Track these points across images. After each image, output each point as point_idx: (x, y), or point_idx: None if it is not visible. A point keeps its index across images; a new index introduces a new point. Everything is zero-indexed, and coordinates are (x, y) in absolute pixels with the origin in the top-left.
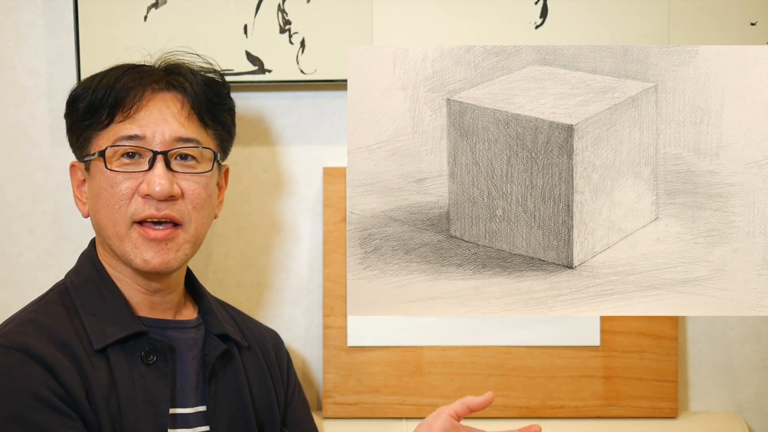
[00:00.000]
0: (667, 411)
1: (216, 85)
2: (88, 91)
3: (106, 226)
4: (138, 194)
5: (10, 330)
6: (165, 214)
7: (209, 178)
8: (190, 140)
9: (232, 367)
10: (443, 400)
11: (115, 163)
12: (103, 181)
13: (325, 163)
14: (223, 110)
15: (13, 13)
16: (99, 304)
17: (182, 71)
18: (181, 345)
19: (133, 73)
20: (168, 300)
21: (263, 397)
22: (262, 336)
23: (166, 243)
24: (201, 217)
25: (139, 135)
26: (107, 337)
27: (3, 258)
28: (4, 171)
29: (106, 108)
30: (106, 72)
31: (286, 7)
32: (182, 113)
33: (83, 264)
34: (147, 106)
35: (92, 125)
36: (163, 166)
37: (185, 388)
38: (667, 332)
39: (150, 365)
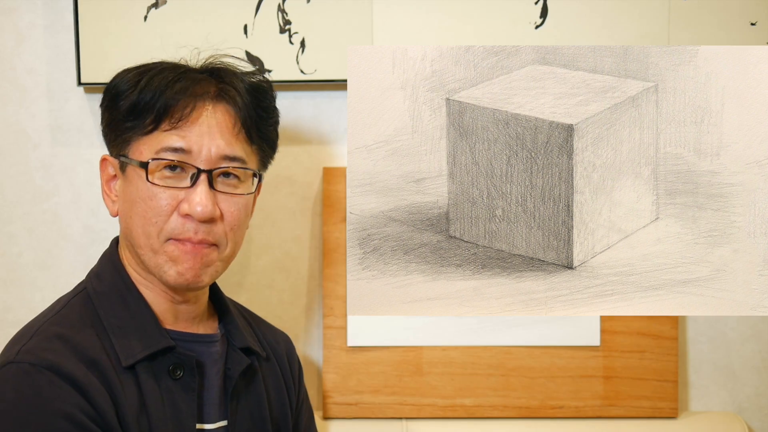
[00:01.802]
0: (667, 411)
1: (263, 93)
2: (134, 90)
3: (138, 236)
4: (177, 212)
5: (37, 346)
6: (202, 239)
7: (249, 198)
8: (236, 159)
9: (253, 382)
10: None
11: (156, 174)
12: (143, 191)
13: (325, 163)
14: (269, 125)
15: (13, 13)
16: (125, 316)
17: (233, 81)
18: (207, 359)
19: (186, 80)
20: (193, 309)
21: (279, 408)
22: (276, 343)
23: (201, 258)
24: (236, 237)
25: (185, 149)
26: (135, 353)
27: (3, 258)
28: (4, 171)
29: (153, 113)
30: (157, 71)
31: (286, 7)
32: (232, 130)
33: (106, 268)
34: (197, 120)
35: (135, 128)
36: (206, 185)
37: (210, 403)
38: (667, 332)
39: (177, 380)
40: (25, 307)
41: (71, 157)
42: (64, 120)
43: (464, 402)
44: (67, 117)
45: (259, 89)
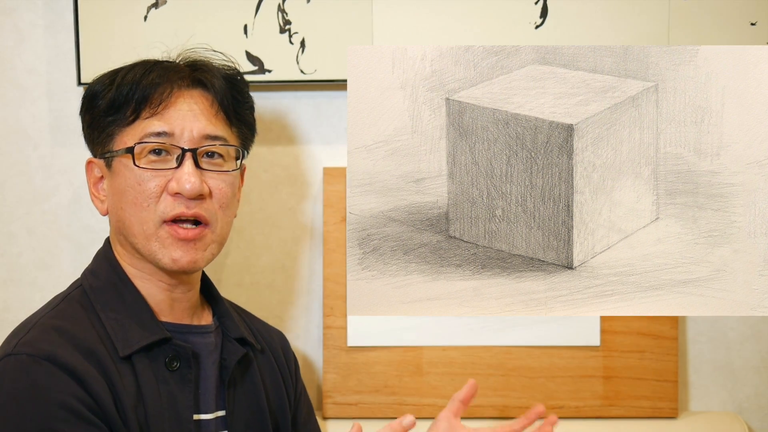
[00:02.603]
0: (667, 411)
1: (237, 82)
2: (110, 87)
3: (131, 225)
4: (167, 192)
5: (34, 337)
6: (194, 212)
7: (235, 176)
8: (218, 138)
9: (249, 371)
10: (443, 400)
11: (142, 160)
12: (131, 179)
13: (325, 163)
14: (245, 108)
15: (13, 13)
16: (120, 308)
17: (207, 68)
18: (202, 350)
19: (159, 69)
20: (188, 298)
21: (277, 400)
22: (270, 338)
23: (194, 243)
24: (226, 216)
25: (168, 132)
26: (132, 343)
27: (3, 258)
28: (4, 171)
29: (132, 104)
30: (129, 68)
31: (286, 7)
32: (211, 111)
33: (101, 265)
34: (175, 103)
35: (116, 121)
36: (192, 163)
37: (206, 393)
38: (667, 332)
39: (173, 371)
40: (25, 307)
41: (71, 157)
42: (64, 120)
43: None
44: (67, 117)
45: (233, 77)
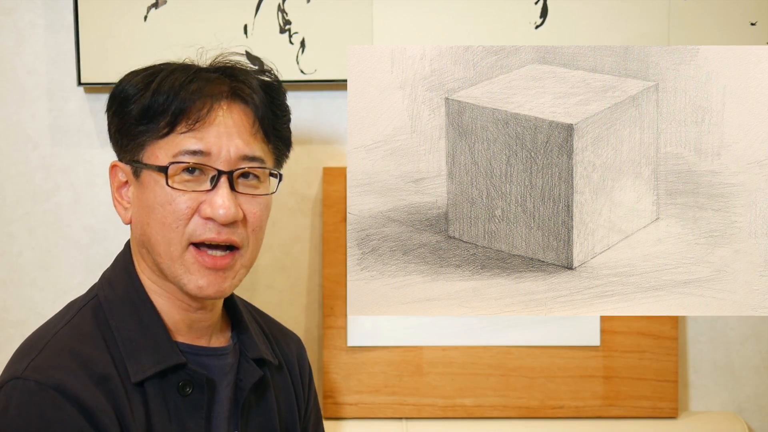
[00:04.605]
0: (667, 411)
1: (276, 91)
2: (144, 92)
3: (157, 243)
4: (198, 215)
5: (45, 362)
6: (226, 239)
7: (269, 199)
8: (255, 159)
9: (265, 394)
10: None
11: (175, 178)
12: (161, 196)
13: (325, 163)
14: (283, 122)
15: (13, 13)
16: (136, 328)
17: (247, 80)
18: (218, 373)
19: (200, 80)
20: (207, 319)
21: (289, 418)
22: (288, 348)
23: (224, 271)
24: (258, 239)
25: (204, 151)
26: (145, 369)
27: (3, 258)
28: (4, 171)
29: (168, 116)
30: (167, 72)
31: (286, 7)
32: (250, 130)
33: (119, 276)
34: (213, 120)
35: (148, 131)
36: (227, 187)
37: (219, 417)
38: (667, 332)
39: (185, 397)
40: (25, 307)
41: (71, 157)
42: (64, 120)
43: (464, 402)
44: (67, 117)
45: (272, 87)
